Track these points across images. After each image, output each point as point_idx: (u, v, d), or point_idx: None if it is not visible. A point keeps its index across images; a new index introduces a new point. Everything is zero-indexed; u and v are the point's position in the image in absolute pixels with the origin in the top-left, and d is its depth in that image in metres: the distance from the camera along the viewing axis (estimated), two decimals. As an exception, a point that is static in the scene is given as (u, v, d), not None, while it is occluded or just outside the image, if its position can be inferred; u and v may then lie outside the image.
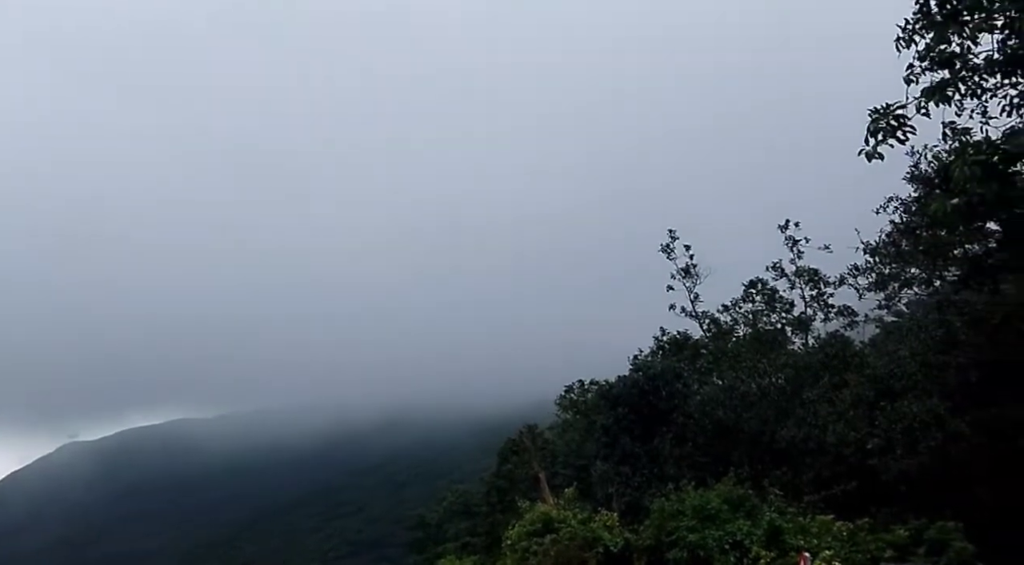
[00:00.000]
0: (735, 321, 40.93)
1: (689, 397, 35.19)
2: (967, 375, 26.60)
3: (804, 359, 35.50)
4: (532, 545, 26.50)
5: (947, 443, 25.97)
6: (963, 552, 20.93)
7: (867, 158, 15.68)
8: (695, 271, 40.03)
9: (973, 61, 16.03)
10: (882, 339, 34.74)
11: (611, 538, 25.35)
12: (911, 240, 30.07)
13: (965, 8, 15.11)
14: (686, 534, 23.28)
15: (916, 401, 26.57)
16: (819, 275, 37.62)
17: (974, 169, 15.74)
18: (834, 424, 28.97)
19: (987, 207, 22.52)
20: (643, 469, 33.01)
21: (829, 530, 22.56)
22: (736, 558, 22.51)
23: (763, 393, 34.69)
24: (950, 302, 28.18)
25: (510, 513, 36.46)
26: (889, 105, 15.91)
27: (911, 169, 28.74)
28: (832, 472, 28.66)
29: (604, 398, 37.62)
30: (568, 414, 49.22)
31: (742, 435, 33.29)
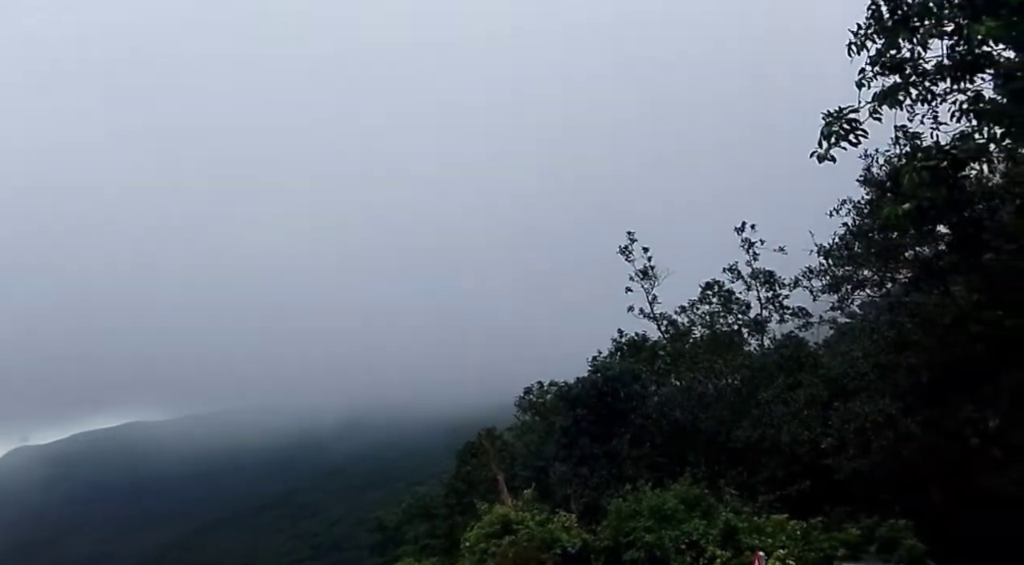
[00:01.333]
0: (692, 322, 41.32)
1: (647, 398, 35.40)
2: (918, 376, 27.04)
3: (760, 360, 35.91)
4: (490, 547, 26.46)
5: (898, 443, 26.39)
6: (913, 550, 21.29)
7: (818, 160, 15.87)
8: (653, 273, 40.32)
9: (923, 66, 16.28)
10: (836, 340, 35.25)
11: (569, 539, 25.39)
12: (863, 243, 30.49)
13: (915, 14, 15.33)
14: (643, 534, 23.39)
15: (868, 401, 26.96)
16: (774, 277, 38.09)
17: (923, 175, 15.99)
18: (789, 424, 29.31)
19: (937, 211, 22.94)
20: (601, 470, 33.12)
21: (783, 529, 22.81)
22: (692, 558, 22.66)
23: (719, 394, 35.04)
24: (902, 304, 28.65)
25: (469, 515, 36.45)
26: (842, 109, 16.12)
27: (864, 172, 29.18)
28: (787, 472, 29.01)
29: (563, 399, 37.71)
30: (527, 416, 49.29)
31: (699, 435, 33.59)
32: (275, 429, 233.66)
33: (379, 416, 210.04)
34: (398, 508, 66.20)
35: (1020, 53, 14.48)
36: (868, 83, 16.49)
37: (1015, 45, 14.41)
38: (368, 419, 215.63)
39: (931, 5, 15.18)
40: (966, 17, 14.66)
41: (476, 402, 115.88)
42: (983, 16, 13.66)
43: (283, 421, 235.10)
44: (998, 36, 13.84)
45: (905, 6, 15.43)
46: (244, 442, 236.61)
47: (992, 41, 14.31)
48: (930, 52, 16.00)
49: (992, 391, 26.33)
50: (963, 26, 14.79)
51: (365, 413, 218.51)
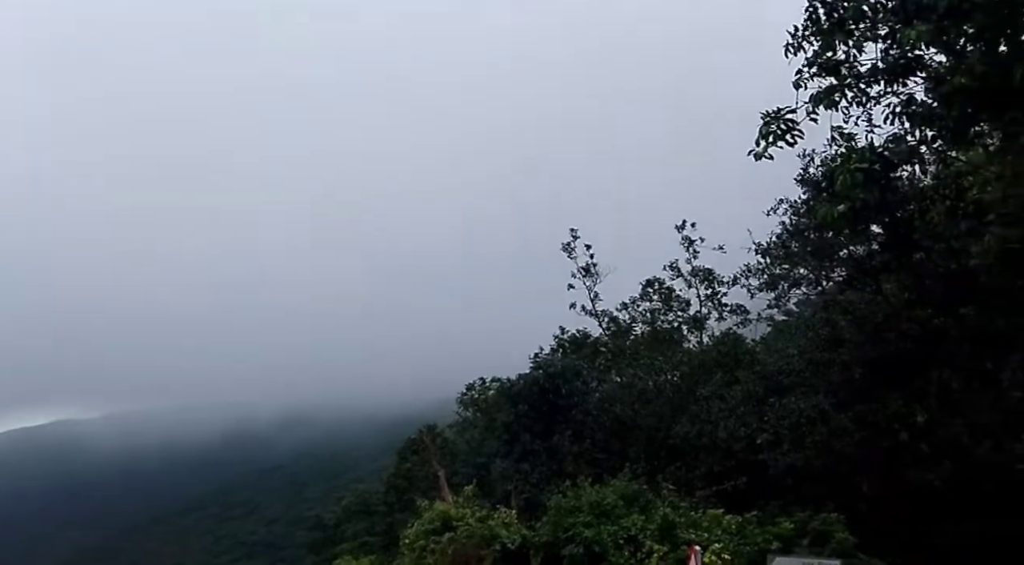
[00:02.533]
0: (633, 319, 41.74)
1: (588, 394, 35.61)
2: (851, 372, 27.68)
3: (699, 357, 36.41)
4: (430, 544, 26.30)
5: (831, 438, 26.98)
6: (844, 543, 21.77)
7: (756, 158, 16.10)
8: (595, 270, 40.60)
9: (858, 69, 16.62)
10: (772, 337, 35.90)
11: (509, 535, 25.35)
12: (800, 242, 31.11)
13: (850, 18, 15.62)
14: (582, 530, 23.47)
15: (803, 397, 27.50)
16: (713, 275, 38.67)
17: (856, 176, 16.32)
18: (726, 420, 29.74)
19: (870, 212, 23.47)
20: (542, 466, 33.23)
21: (719, 523, 23.10)
22: (630, 552, 22.81)
23: (659, 390, 35.41)
24: (836, 302, 29.28)
25: (409, 512, 36.21)
26: (780, 109, 16.37)
27: (801, 172, 29.73)
28: (723, 467, 29.44)
29: (504, 396, 37.74)
30: (469, 412, 49.23)
31: (639, 431, 33.91)
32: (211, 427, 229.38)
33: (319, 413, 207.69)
34: (337, 506, 65.62)
35: (950, 57, 14.86)
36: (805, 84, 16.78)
37: (945, 49, 14.78)
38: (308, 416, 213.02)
39: (865, 9, 15.49)
40: (899, 21, 14.99)
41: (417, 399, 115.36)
42: (914, 21, 13.99)
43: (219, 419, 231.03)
44: (929, 40, 14.19)
45: (841, 10, 15.72)
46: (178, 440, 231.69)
47: (924, 45, 14.68)
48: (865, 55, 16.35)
49: (921, 387, 27.10)
50: (896, 30, 15.13)
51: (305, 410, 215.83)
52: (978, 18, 14.11)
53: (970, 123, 16.61)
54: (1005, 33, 14.23)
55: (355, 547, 48.04)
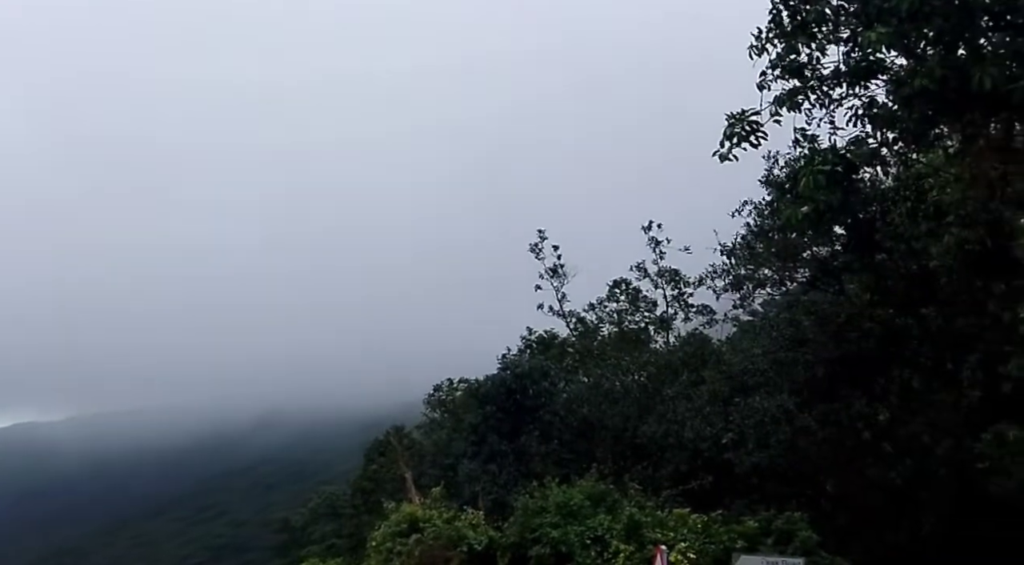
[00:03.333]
0: (600, 320, 41.82)
1: (555, 395, 35.62)
2: (814, 371, 27.98)
3: (665, 357, 36.60)
4: (396, 545, 26.15)
5: (796, 436, 27.26)
6: (807, 541, 21.96)
7: (720, 159, 16.23)
8: (562, 271, 40.62)
9: (821, 71, 16.78)
10: (738, 337, 36.16)
11: (476, 536, 25.28)
12: (764, 242, 31.41)
13: (813, 21, 15.79)
14: (549, 530, 23.46)
15: (767, 397, 27.74)
16: (680, 275, 38.84)
17: (819, 178, 16.49)
18: (692, 420, 29.93)
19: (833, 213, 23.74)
20: (510, 467, 33.19)
21: (685, 523, 23.20)
22: (597, 552, 22.84)
23: (626, 390, 35.50)
24: (799, 302, 29.57)
25: (376, 514, 36.03)
26: (744, 111, 16.51)
27: (766, 173, 30.03)
28: (689, 466, 29.63)
29: (472, 397, 37.69)
30: (436, 413, 49.11)
31: (606, 432, 34.00)
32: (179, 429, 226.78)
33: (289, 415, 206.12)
34: (305, 508, 65.19)
35: (910, 60, 15.04)
36: (769, 86, 16.94)
37: (905, 52, 14.96)
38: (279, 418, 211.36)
39: (827, 12, 15.67)
40: (860, 24, 15.16)
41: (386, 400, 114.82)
42: (875, 24, 14.15)
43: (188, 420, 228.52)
44: (889, 43, 14.35)
45: (804, 13, 15.88)
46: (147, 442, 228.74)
47: (884, 48, 14.84)
48: (828, 58, 16.53)
49: (883, 386, 27.44)
50: (857, 33, 15.30)
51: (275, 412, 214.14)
52: (937, 22, 14.31)
53: (930, 125, 16.84)
54: (963, 37, 14.45)
55: (322, 549, 47.73)
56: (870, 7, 14.61)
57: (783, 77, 16.75)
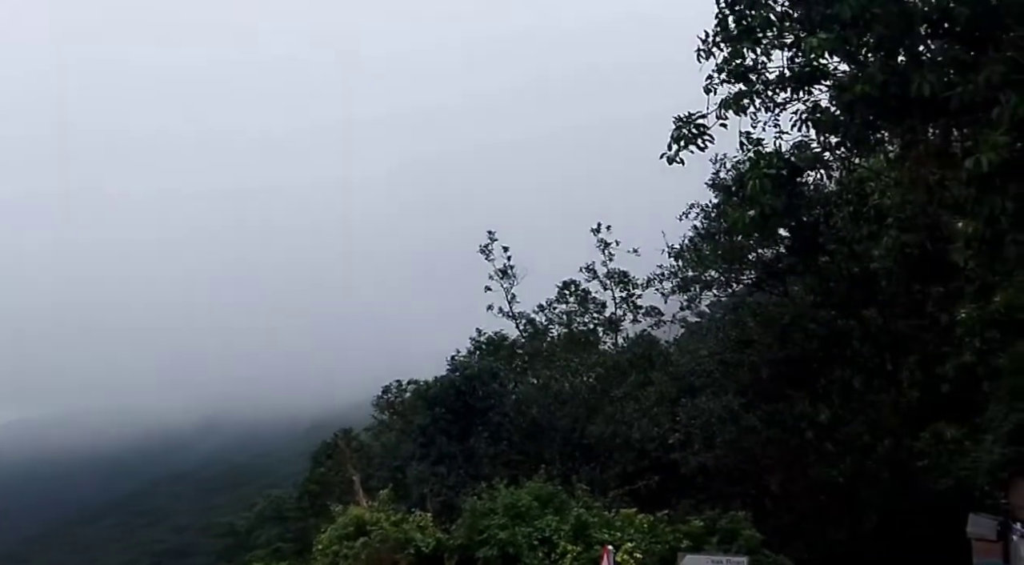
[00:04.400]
0: (550, 321, 41.92)
1: (505, 396, 35.61)
2: (759, 372, 28.45)
3: (614, 358, 36.85)
4: (343, 549, 25.88)
5: (740, 437, 27.65)
6: (751, 540, 22.26)
7: (668, 162, 16.32)
8: (512, 272, 40.64)
9: (766, 76, 16.98)
10: (685, 339, 36.59)
11: (423, 539, 25.13)
12: (711, 245, 31.80)
13: (758, 25, 15.95)
14: (497, 532, 23.42)
15: (713, 398, 28.11)
16: (628, 277, 39.14)
17: (765, 181, 16.68)
18: (639, 421, 30.19)
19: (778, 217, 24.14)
20: (458, 469, 33.09)
21: (632, 523, 23.32)
22: (544, 553, 22.86)
23: (575, 392, 35.64)
24: (745, 304, 30.04)
25: (323, 517, 35.61)
26: (691, 114, 16.63)
27: (713, 176, 30.40)
28: (636, 467, 29.89)
29: (421, 399, 37.44)
30: (385, 415, 48.73)
31: (555, 433, 34.08)
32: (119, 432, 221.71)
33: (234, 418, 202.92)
34: (250, 512, 64.30)
35: (852, 66, 15.29)
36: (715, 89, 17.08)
37: (848, 58, 15.20)
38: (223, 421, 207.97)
39: (772, 18, 15.83)
40: (804, 30, 15.37)
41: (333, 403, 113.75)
42: (818, 30, 14.35)
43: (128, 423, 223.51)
44: (831, 49, 14.57)
45: (749, 17, 16.03)
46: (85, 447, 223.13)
47: (827, 54, 15.08)
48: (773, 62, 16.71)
49: (825, 386, 27.99)
50: (801, 39, 15.50)
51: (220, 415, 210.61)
52: (878, 29, 14.56)
53: (871, 131, 17.13)
54: (904, 44, 14.73)
55: (267, 554, 46.99)
56: (813, 13, 14.81)
57: (729, 81, 16.89)
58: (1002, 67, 13.15)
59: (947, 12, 14.04)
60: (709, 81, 16.92)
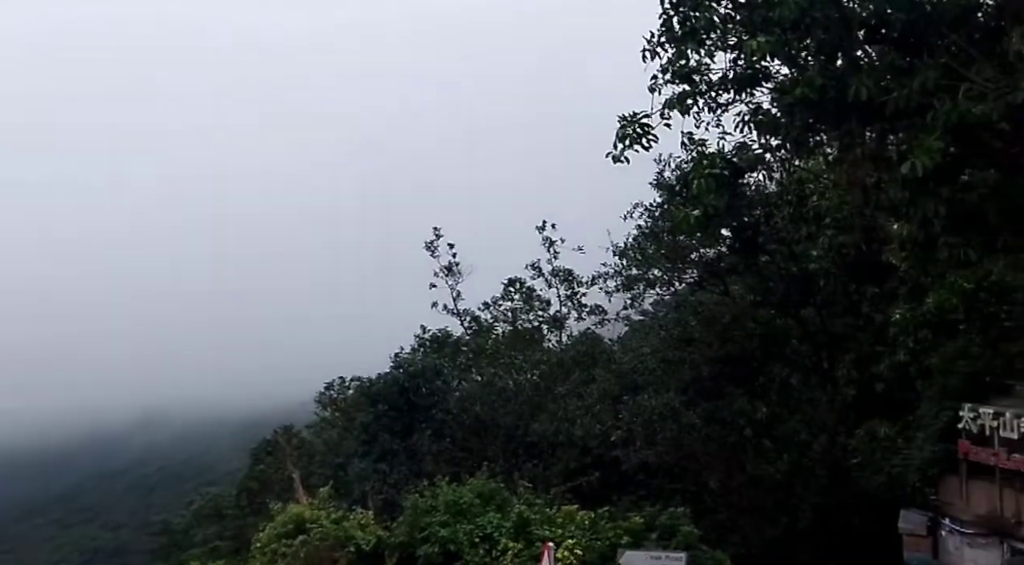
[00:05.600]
0: (495, 319, 41.98)
1: (448, 393, 35.52)
2: (700, 370, 28.77)
3: (558, 356, 37.01)
4: (281, 547, 25.51)
5: (681, 434, 27.94)
6: (689, 536, 22.49)
7: (613, 160, 16.42)
8: (457, 269, 40.57)
9: (709, 77, 17.17)
10: (628, 337, 36.89)
11: (364, 536, 24.90)
12: (655, 244, 32.11)
13: (702, 27, 16.12)
14: (438, 529, 23.31)
15: (655, 395, 28.34)
16: (573, 275, 39.36)
17: (710, 181, 16.86)
18: (582, 418, 30.35)
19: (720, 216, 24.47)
20: (401, 466, 32.90)
21: (573, 520, 23.39)
22: (485, 550, 22.81)
23: (519, 389, 35.70)
24: (687, 302, 30.37)
25: (262, 515, 35.10)
26: (636, 113, 16.73)
27: (657, 176, 30.66)
28: (579, 464, 30.06)
29: (364, 395, 37.17)
30: (327, 412, 48.23)
31: (498, 430, 34.09)
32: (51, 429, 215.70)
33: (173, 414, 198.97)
34: (187, 510, 63.04)
35: (793, 69, 15.53)
36: (660, 89, 17.22)
37: (788, 62, 15.43)
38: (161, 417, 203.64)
39: (716, 20, 16.02)
40: (746, 33, 15.56)
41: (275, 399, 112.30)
42: (759, 33, 14.53)
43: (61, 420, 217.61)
44: (772, 52, 14.76)
45: (693, 19, 16.19)
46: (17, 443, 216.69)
47: (769, 57, 15.29)
48: (716, 64, 16.91)
49: (764, 384, 28.45)
50: (743, 41, 15.70)
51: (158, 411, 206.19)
52: (817, 34, 14.83)
53: (811, 133, 17.47)
54: (842, 49, 15.02)
55: (204, 553, 46.04)
56: (755, 16, 15.02)
57: (673, 81, 17.05)
58: (936, 73, 13.47)
59: (884, 18, 14.34)
60: (654, 81, 17.06)
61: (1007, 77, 13.24)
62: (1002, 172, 15.99)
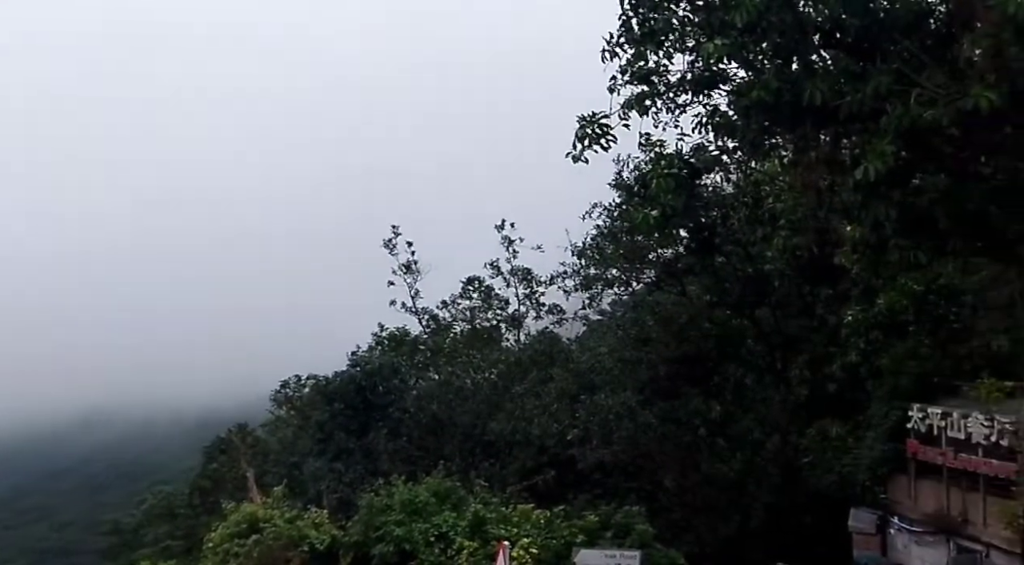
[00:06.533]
0: (453, 317, 41.87)
1: (406, 392, 35.35)
2: (657, 370, 28.97)
3: (516, 355, 37.02)
4: (234, 547, 25.20)
5: (637, 433, 28.14)
6: (644, 534, 22.63)
7: (573, 160, 16.39)
8: (416, 267, 40.37)
9: (668, 78, 17.24)
10: (586, 336, 37.03)
11: (318, 536, 24.69)
12: (613, 244, 32.23)
13: (660, 29, 16.17)
14: (393, 528, 23.18)
15: (612, 394, 28.51)
16: (532, 274, 39.38)
17: (668, 181, 16.93)
18: (539, 417, 30.42)
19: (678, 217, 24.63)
20: (357, 465, 32.69)
21: (529, 519, 23.42)
22: (441, 549, 22.74)
23: (476, 388, 35.68)
24: (644, 302, 30.55)
25: (215, 515, 34.66)
26: (595, 114, 16.73)
27: (616, 176, 30.77)
28: (536, 462, 30.12)
29: (320, 394, 36.87)
30: (283, 411, 47.72)
31: (455, 429, 34.02)
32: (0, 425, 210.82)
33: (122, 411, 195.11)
34: (138, 509, 62.05)
35: (749, 72, 15.64)
36: (619, 90, 17.24)
37: (744, 64, 15.53)
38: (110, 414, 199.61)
39: (674, 22, 16.07)
40: (704, 35, 15.64)
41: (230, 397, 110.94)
42: (716, 36, 14.61)
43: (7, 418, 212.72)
44: (728, 55, 14.84)
45: (652, 21, 16.24)
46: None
47: (726, 59, 15.37)
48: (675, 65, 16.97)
49: (718, 384, 28.72)
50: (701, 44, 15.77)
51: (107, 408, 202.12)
52: (773, 37, 14.94)
53: (767, 136, 17.58)
54: (797, 52, 15.15)
55: (155, 552, 45.32)
56: (712, 19, 15.07)
57: (632, 82, 17.09)
58: (889, 78, 13.63)
59: (838, 23, 14.49)
60: (613, 82, 17.07)
61: (957, 83, 13.43)
62: (952, 177, 16.24)
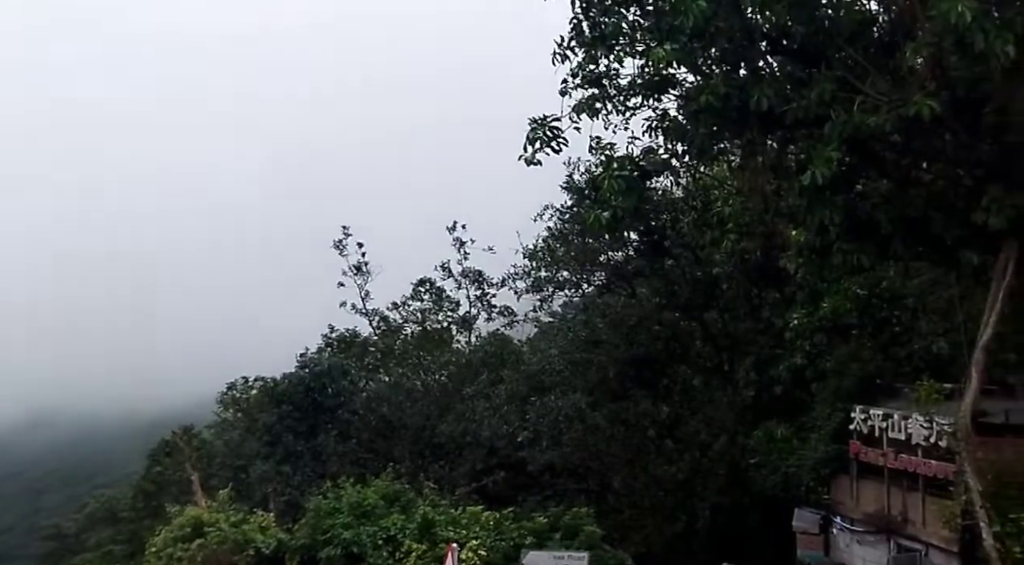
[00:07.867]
0: (404, 319, 41.56)
1: (355, 394, 35.06)
2: (606, 371, 29.18)
3: (466, 356, 36.93)
4: (178, 551, 24.80)
5: (587, 434, 28.29)
6: (592, 535, 22.74)
7: (526, 163, 16.41)
8: (367, 269, 40.04)
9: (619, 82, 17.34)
10: (537, 338, 37.08)
11: (264, 539, 24.39)
12: (564, 246, 32.36)
13: (611, 33, 16.28)
14: (341, 531, 23.00)
15: (562, 396, 28.61)
16: (483, 276, 39.25)
17: (620, 182, 17.02)
18: (489, 419, 30.38)
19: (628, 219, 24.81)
20: (305, 467, 32.33)
21: (478, 520, 23.38)
22: (389, 552, 22.62)
23: (427, 389, 35.53)
24: (595, 305, 30.72)
25: (159, 518, 34.04)
26: (546, 116, 16.77)
27: (567, 179, 30.87)
28: (485, 464, 30.09)
29: (268, 396, 36.33)
30: (229, 413, 46.93)
31: (405, 431, 33.83)
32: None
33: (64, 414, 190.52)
34: (80, 513, 60.79)
35: (698, 77, 15.81)
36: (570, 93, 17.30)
37: (693, 69, 15.69)
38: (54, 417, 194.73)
39: (624, 27, 16.18)
40: (654, 40, 15.76)
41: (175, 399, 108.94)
42: (666, 41, 14.73)
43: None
44: (677, 60, 14.97)
45: (603, 25, 16.33)
46: None
47: (675, 64, 15.52)
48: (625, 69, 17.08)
49: (667, 386, 29.00)
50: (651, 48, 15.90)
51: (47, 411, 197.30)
52: (721, 43, 15.13)
53: (715, 140, 17.78)
54: (745, 58, 15.35)
55: (97, 557, 44.63)
56: (662, 24, 15.21)
57: (583, 85, 17.16)
58: (833, 85, 13.88)
59: (785, 30, 14.71)
60: (564, 84, 17.13)
61: (899, 90, 13.73)
62: (894, 183, 16.59)
